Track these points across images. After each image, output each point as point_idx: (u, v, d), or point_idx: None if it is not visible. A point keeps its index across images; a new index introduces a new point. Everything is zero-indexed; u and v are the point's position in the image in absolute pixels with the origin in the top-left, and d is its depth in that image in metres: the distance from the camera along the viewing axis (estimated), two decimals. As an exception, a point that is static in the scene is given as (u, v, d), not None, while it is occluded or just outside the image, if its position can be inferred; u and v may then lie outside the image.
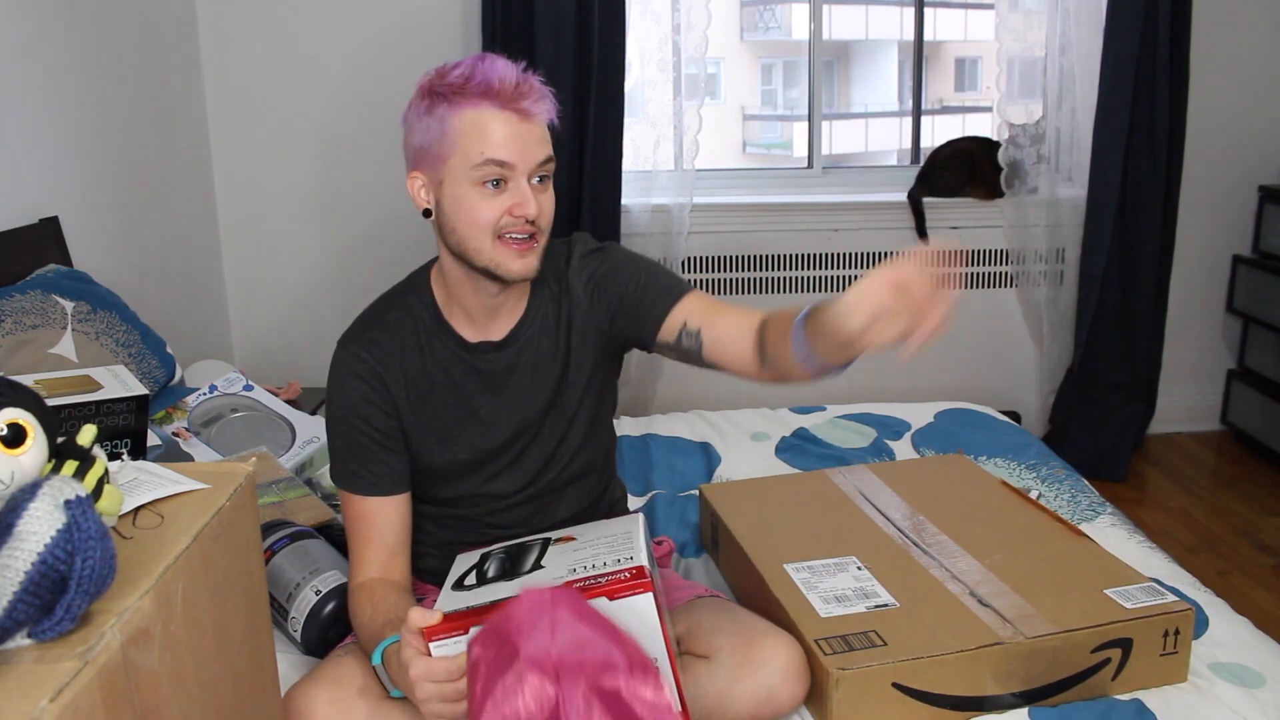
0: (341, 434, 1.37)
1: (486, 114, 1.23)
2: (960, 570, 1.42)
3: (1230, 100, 3.15)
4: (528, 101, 1.24)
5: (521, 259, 1.28)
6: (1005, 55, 3.02)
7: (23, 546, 0.66)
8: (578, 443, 1.44)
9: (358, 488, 1.35)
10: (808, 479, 1.81)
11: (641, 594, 1.06)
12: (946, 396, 2.90)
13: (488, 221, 1.25)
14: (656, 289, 1.37)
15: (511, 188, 1.25)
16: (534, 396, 1.40)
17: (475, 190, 1.25)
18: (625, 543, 1.19)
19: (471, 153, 1.23)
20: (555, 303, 1.40)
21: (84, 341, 1.93)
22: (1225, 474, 3.14)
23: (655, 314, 1.35)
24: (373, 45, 2.98)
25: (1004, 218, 3.12)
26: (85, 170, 2.36)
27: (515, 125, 1.24)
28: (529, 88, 1.24)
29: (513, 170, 1.24)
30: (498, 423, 1.40)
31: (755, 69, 4.76)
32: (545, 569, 1.17)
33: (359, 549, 1.35)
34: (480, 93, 1.23)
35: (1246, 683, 1.32)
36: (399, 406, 1.36)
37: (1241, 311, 3.24)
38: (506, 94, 1.23)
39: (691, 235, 3.04)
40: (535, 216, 1.25)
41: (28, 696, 0.61)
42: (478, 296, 1.35)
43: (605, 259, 1.41)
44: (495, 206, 1.25)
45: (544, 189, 1.29)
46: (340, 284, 3.12)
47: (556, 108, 1.29)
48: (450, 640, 1.08)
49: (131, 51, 2.57)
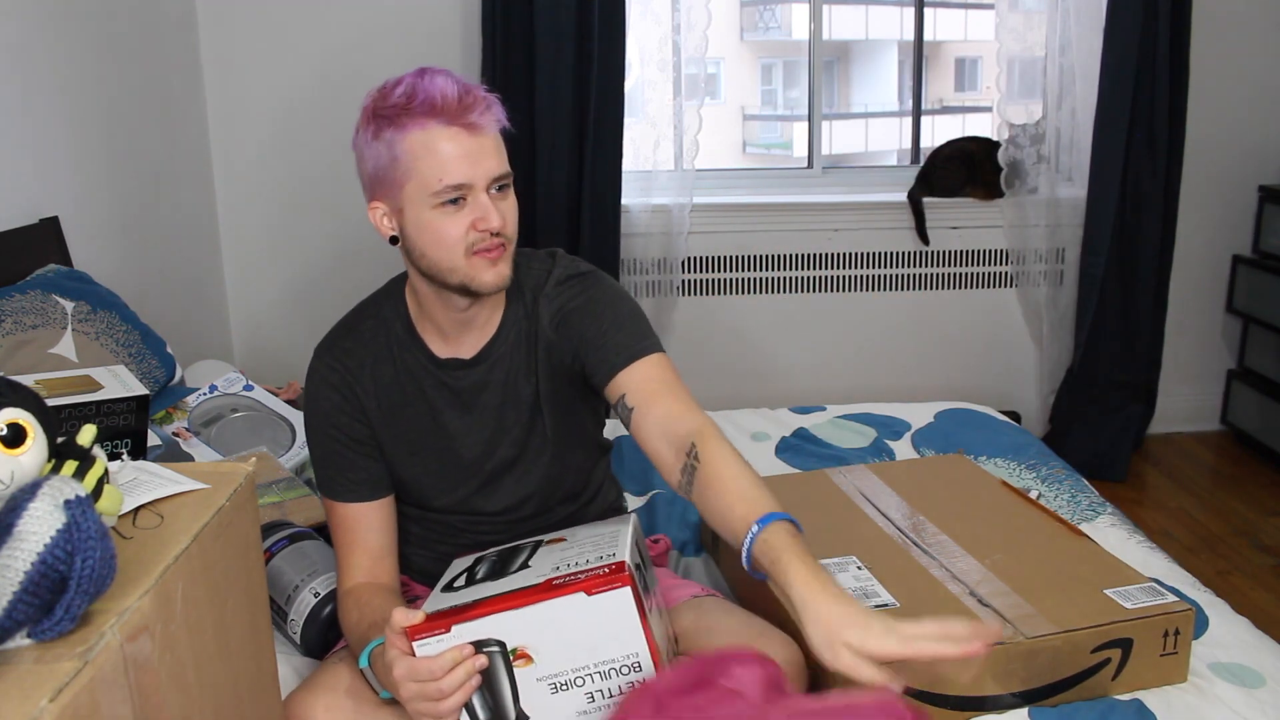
0: (319, 443, 1.36)
1: (434, 134, 1.20)
2: (960, 570, 1.42)
3: (1230, 100, 3.15)
4: (474, 115, 1.20)
5: (494, 268, 1.25)
6: (1005, 55, 3.02)
7: (23, 546, 0.66)
8: (558, 470, 1.41)
9: (338, 494, 1.35)
10: (808, 479, 1.81)
11: (619, 589, 1.04)
12: (946, 396, 2.91)
13: (455, 240, 1.23)
14: (614, 344, 1.31)
15: (471, 202, 1.23)
16: (504, 414, 1.37)
17: (436, 213, 1.23)
18: (611, 541, 1.17)
19: (428, 179, 1.21)
20: (529, 320, 1.36)
21: (84, 341, 1.93)
22: (1225, 474, 3.14)
23: (603, 371, 1.31)
24: (373, 45, 2.98)
25: (1004, 218, 3.12)
26: (85, 170, 2.36)
27: (465, 142, 1.20)
28: (473, 100, 1.20)
29: (470, 189, 1.22)
30: (467, 438, 1.37)
31: (755, 69, 4.76)
32: (531, 568, 1.15)
33: (344, 555, 1.35)
34: (424, 111, 1.19)
35: (1246, 683, 1.32)
36: (370, 416, 1.35)
37: (1241, 311, 3.24)
38: (451, 110, 1.19)
39: (691, 235, 3.04)
40: (500, 228, 1.23)
41: (28, 696, 0.61)
42: (447, 312, 1.32)
43: (581, 291, 1.35)
44: (459, 224, 1.23)
45: (504, 197, 1.26)
46: (340, 284, 3.11)
47: (504, 113, 1.25)
48: (434, 639, 1.06)
49: (131, 51, 2.57)
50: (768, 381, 3.22)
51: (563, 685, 1.07)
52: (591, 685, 1.07)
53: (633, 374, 1.29)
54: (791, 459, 2.10)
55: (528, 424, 1.37)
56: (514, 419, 1.37)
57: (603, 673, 1.06)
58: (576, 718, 1.08)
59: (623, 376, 1.29)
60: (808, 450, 2.13)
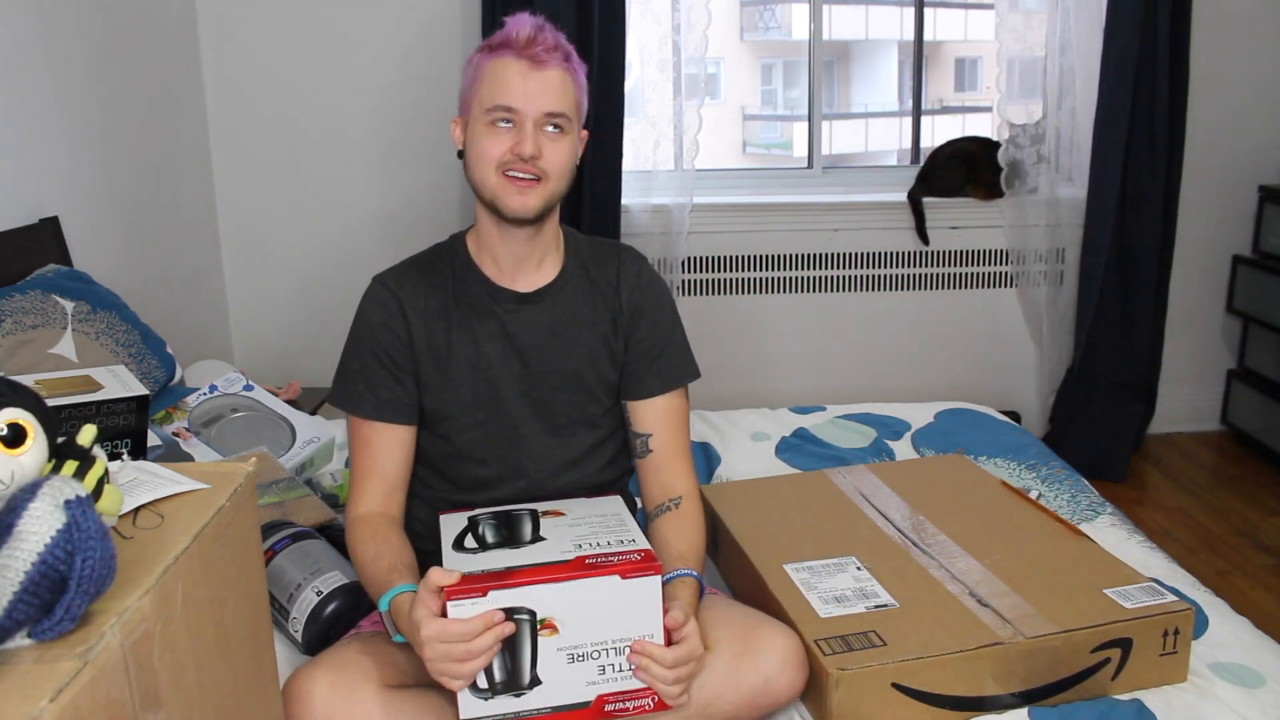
0: (356, 356, 1.43)
1: (503, 62, 1.34)
2: (960, 570, 1.42)
3: (1230, 100, 3.15)
4: (538, 49, 1.33)
5: (520, 196, 1.35)
6: (1005, 55, 3.02)
7: (23, 546, 0.66)
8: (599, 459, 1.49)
9: (364, 410, 1.40)
10: (808, 479, 1.81)
11: (650, 576, 1.16)
12: (946, 396, 2.91)
13: (492, 157, 1.35)
14: (662, 363, 1.48)
15: (517, 129, 1.34)
16: (545, 355, 1.44)
17: (487, 129, 1.35)
18: (619, 525, 1.28)
19: (485, 97, 1.34)
20: (590, 294, 1.47)
21: (84, 341, 1.93)
22: (1225, 474, 3.14)
23: (639, 386, 1.48)
24: (373, 45, 2.98)
25: (1004, 218, 3.12)
26: (85, 170, 2.36)
27: (526, 72, 1.33)
28: (542, 38, 1.34)
29: (520, 115, 1.33)
30: (504, 369, 1.43)
31: (755, 69, 4.76)
32: (547, 541, 1.24)
33: (361, 479, 1.41)
34: (502, 43, 1.35)
35: (1246, 683, 1.32)
36: (414, 337, 1.42)
37: (1241, 311, 3.24)
38: (520, 43, 1.33)
39: (691, 235, 3.04)
40: (532, 155, 1.33)
41: (28, 696, 0.61)
42: (504, 243, 1.42)
43: (657, 288, 1.51)
44: (499, 144, 1.34)
45: (554, 138, 1.36)
46: (340, 284, 3.11)
47: (579, 65, 1.39)
48: (469, 601, 1.12)
49: (132, 51, 2.57)
50: (768, 381, 3.22)
51: (580, 656, 1.16)
52: (605, 659, 1.17)
53: (662, 404, 1.48)
54: (791, 459, 2.10)
55: (568, 371, 1.45)
56: (555, 364, 1.45)
57: (618, 649, 1.17)
58: (585, 686, 1.17)
59: (656, 403, 1.48)
60: (808, 450, 2.13)
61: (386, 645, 1.27)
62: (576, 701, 1.17)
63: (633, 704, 1.18)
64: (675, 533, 1.41)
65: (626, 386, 1.49)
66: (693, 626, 1.20)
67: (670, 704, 1.19)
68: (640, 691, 1.18)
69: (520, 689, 1.16)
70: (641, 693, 1.18)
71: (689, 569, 1.33)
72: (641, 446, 1.48)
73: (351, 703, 1.18)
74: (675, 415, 1.49)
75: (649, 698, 1.18)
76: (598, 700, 1.18)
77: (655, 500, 1.47)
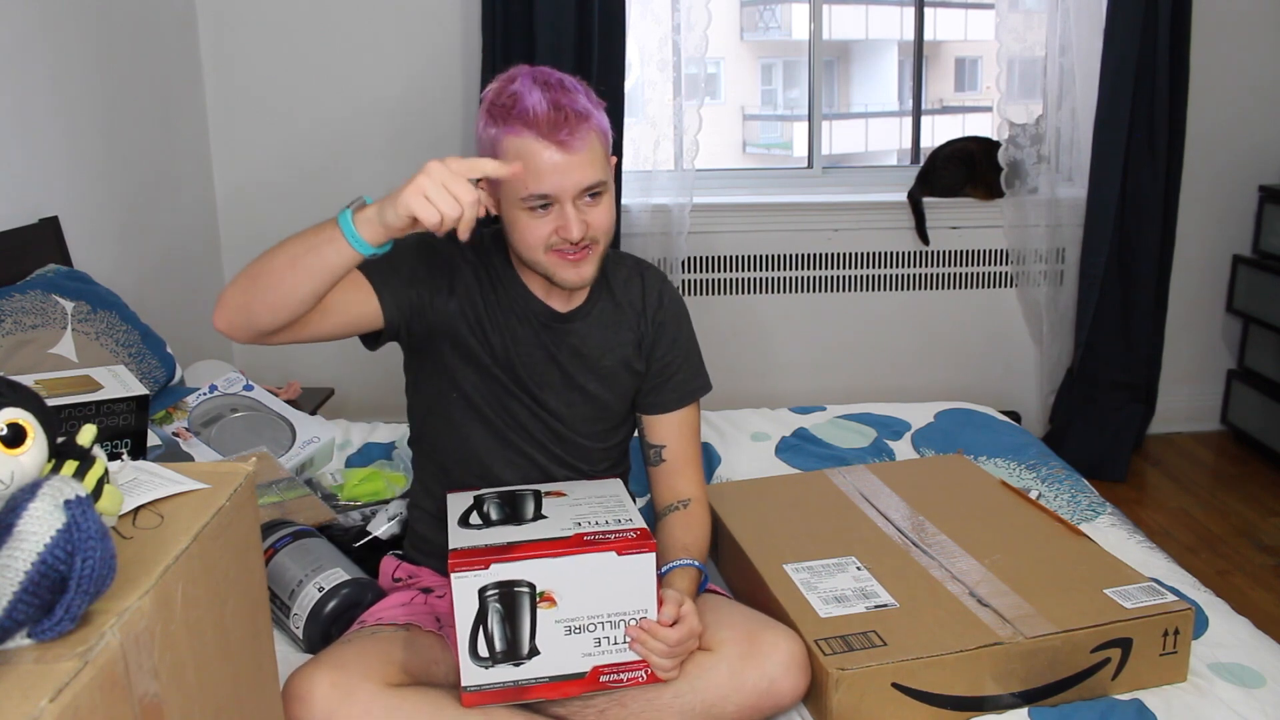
0: (401, 253, 1.33)
1: (529, 145, 1.26)
2: (960, 570, 1.42)
3: (1230, 100, 3.15)
4: (562, 134, 1.25)
5: (575, 269, 1.34)
6: (1005, 55, 3.02)
7: (22, 546, 0.66)
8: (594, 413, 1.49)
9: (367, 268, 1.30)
10: (807, 479, 1.81)
11: (645, 553, 1.21)
12: (946, 396, 2.91)
13: (537, 241, 1.32)
14: (678, 380, 1.50)
15: (557, 210, 1.29)
16: (571, 371, 1.44)
17: (524, 213, 1.30)
18: (618, 505, 1.32)
19: (517, 184, 1.28)
20: (616, 317, 1.47)
21: (84, 341, 1.93)
22: (1225, 474, 3.14)
23: (656, 401, 1.50)
24: (372, 45, 2.98)
25: (1004, 218, 3.12)
26: (85, 170, 2.36)
27: (554, 157, 1.26)
28: (563, 119, 1.25)
29: (558, 198, 1.29)
30: (516, 344, 1.42)
31: (755, 69, 4.76)
32: (548, 519, 1.28)
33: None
34: (521, 121, 1.26)
35: (1246, 683, 1.32)
36: (455, 288, 1.38)
37: (1241, 311, 3.24)
38: (542, 127, 1.25)
39: (691, 235, 3.04)
40: (580, 237, 1.30)
41: (28, 696, 0.61)
42: (555, 289, 1.42)
43: (677, 308, 1.52)
44: (543, 227, 1.30)
45: (595, 204, 1.32)
46: (340, 284, 3.12)
47: (603, 122, 1.31)
48: (472, 573, 1.17)
49: (132, 51, 2.57)
50: (768, 381, 3.22)
51: (576, 628, 1.21)
52: (601, 632, 1.22)
53: (676, 419, 1.50)
54: (791, 459, 2.10)
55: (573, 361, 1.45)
56: (579, 377, 1.45)
57: (613, 622, 1.21)
58: (581, 658, 1.22)
59: (670, 418, 1.50)
60: (808, 450, 2.13)
61: (387, 644, 1.27)
62: (573, 672, 1.22)
63: (626, 675, 1.23)
64: (682, 529, 1.45)
65: (642, 401, 1.51)
66: (690, 606, 1.24)
67: (663, 677, 1.23)
68: (634, 664, 1.23)
69: (520, 659, 1.20)
70: (635, 665, 1.23)
71: (690, 559, 1.37)
72: (655, 456, 1.52)
73: (351, 702, 1.18)
74: (688, 426, 1.52)
75: (642, 670, 1.23)
76: (593, 671, 1.23)
77: (664, 502, 1.51)
